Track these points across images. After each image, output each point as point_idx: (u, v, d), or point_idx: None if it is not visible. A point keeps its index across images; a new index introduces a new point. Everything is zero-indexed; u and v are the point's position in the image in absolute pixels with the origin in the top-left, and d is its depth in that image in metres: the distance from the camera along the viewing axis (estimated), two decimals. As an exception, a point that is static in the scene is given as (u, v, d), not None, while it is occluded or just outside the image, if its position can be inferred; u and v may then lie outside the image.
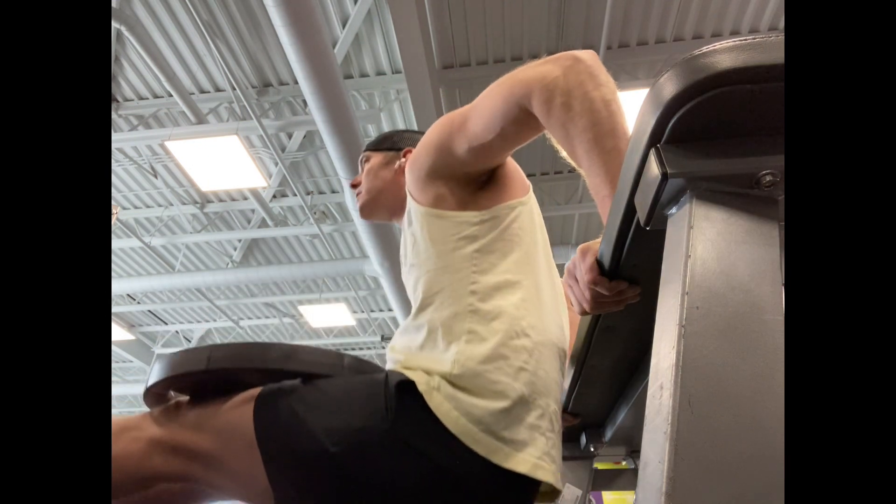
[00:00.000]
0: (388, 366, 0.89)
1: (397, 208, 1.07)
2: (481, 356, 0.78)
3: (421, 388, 0.76)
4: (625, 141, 0.64)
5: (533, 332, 0.83)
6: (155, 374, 0.83)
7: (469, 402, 0.75)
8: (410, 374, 0.79)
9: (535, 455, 0.75)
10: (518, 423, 0.76)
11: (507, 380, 0.77)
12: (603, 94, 0.67)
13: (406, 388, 0.77)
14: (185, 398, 0.86)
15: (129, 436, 0.79)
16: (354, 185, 1.14)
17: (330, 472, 0.74)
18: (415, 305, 0.90)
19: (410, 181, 0.94)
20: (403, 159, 1.09)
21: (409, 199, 0.95)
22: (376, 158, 1.12)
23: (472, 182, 0.91)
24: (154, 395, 0.85)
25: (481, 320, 0.81)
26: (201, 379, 0.82)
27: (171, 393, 0.88)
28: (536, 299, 0.86)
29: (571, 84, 0.69)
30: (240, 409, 0.80)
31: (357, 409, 0.77)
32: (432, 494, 0.74)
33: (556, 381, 0.85)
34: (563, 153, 0.73)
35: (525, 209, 0.93)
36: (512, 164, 0.96)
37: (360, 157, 1.16)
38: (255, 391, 0.82)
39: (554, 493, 0.85)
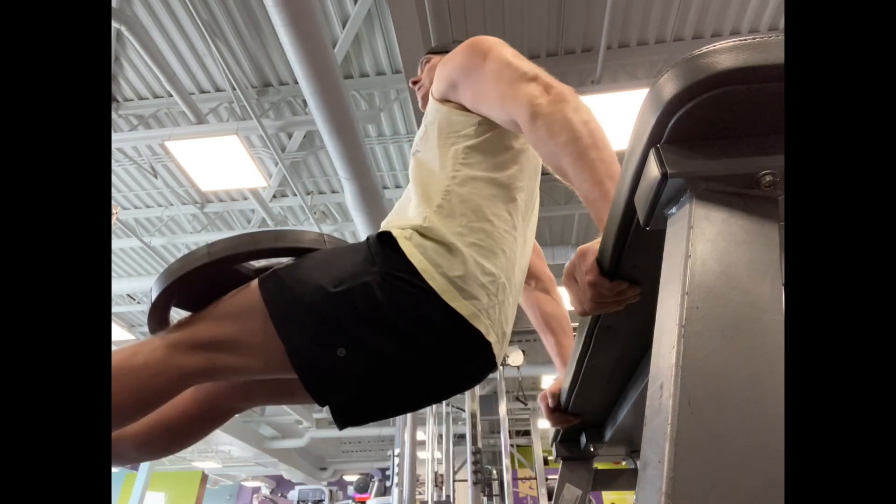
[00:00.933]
0: None
1: None
2: (445, 225, 0.90)
3: (395, 235, 0.89)
4: (607, 152, 0.72)
5: (497, 221, 0.94)
6: (159, 284, 0.88)
7: (432, 248, 0.88)
8: (388, 229, 0.92)
9: (477, 306, 0.87)
10: (470, 279, 0.87)
11: (464, 248, 0.89)
12: (581, 117, 0.77)
13: (384, 239, 0.90)
14: (186, 314, 0.93)
15: (146, 350, 0.85)
16: (415, 83, 1.30)
17: (337, 310, 0.84)
18: (410, 184, 1.03)
19: (434, 85, 1.07)
20: None
21: (430, 96, 1.09)
22: (436, 59, 1.27)
23: None
24: (158, 315, 0.92)
25: (452, 199, 0.93)
26: (201, 284, 0.89)
27: (173, 317, 0.94)
28: (508, 198, 0.97)
29: (553, 109, 0.79)
30: (245, 291, 0.90)
31: (348, 261, 0.90)
32: (420, 316, 0.85)
33: (514, 262, 0.97)
34: (550, 169, 0.81)
35: None
36: None
37: (422, 59, 1.33)
38: (254, 280, 0.91)
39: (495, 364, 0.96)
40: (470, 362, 0.92)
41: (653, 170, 0.43)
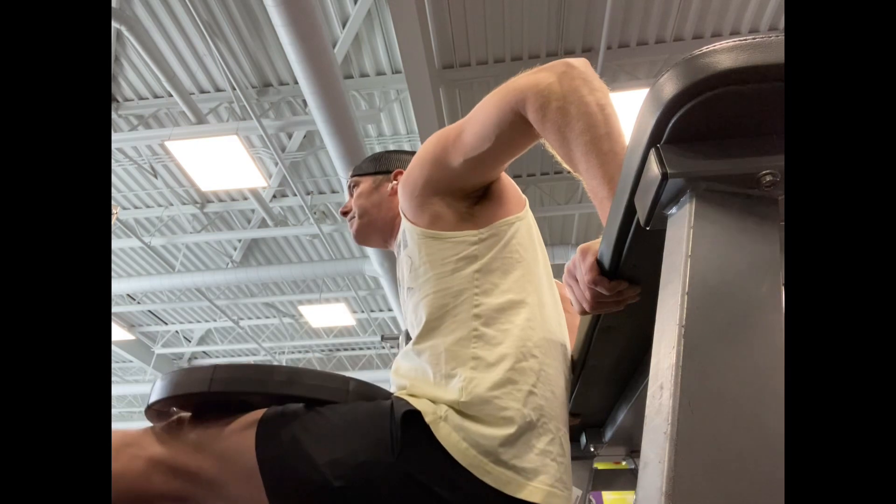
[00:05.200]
0: (393, 389, 0.88)
1: (389, 232, 1.06)
2: (490, 382, 0.77)
3: (428, 418, 0.75)
4: (620, 143, 0.65)
5: (539, 353, 0.82)
6: (157, 391, 0.82)
7: (477, 432, 0.73)
8: (416, 403, 0.77)
9: (547, 483, 0.74)
10: (529, 451, 0.74)
11: (517, 405, 0.76)
12: (598, 99, 0.68)
13: (412, 419, 0.75)
14: (187, 415, 0.85)
15: (129, 453, 0.79)
16: (345, 213, 1.12)
17: None
18: (417, 329, 0.88)
19: (404, 200, 0.92)
20: (395, 181, 1.07)
21: (403, 220, 0.93)
22: (366, 183, 1.10)
23: (467, 198, 0.90)
24: (156, 411, 0.85)
25: (486, 345, 0.80)
26: (204, 398, 0.82)
27: (174, 409, 0.87)
28: (541, 317, 0.85)
29: (566, 89, 0.69)
30: (242, 435, 0.79)
31: (362, 441, 0.75)
32: None
33: (563, 402, 0.85)
34: (558, 157, 0.73)
35: (523, 224, 0.92)
36: (507, 180, 0.96)
37: (349, 183, 1.13)
38: (258, 414, 0.80)
39: None
40: None
41: (653, 170, 0.43)
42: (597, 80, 0.71)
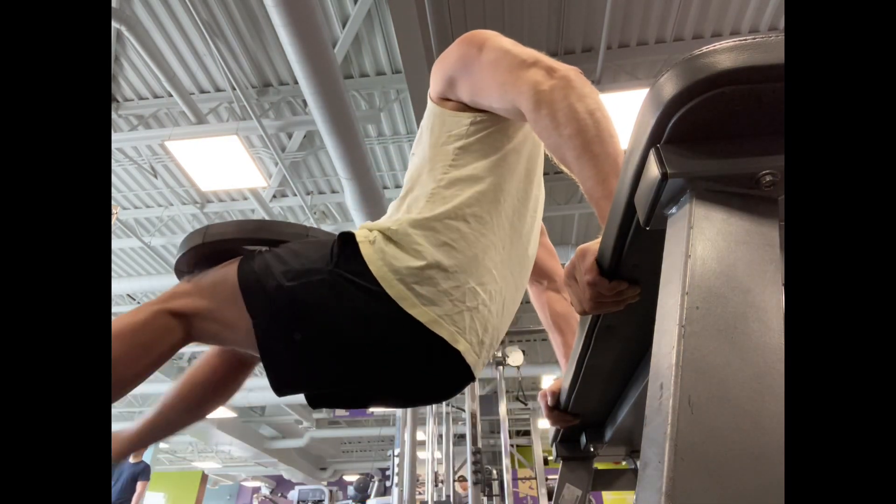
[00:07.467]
0: None
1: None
2: (414, 221, 0.90)
3: (358, 238, 0.90)
4: (612, 145, 0.69)
5: (474, 221, 0.91)
6: (178, 252, 1.06)
7: (393, 254, 0.87)
8: (357, 231, 0.93)
9: (437, 312, 0.85)
10: (430, 284, 0.85)
11: (429, 246, 0.87)
12: (586, 105, 0.73)
13: (347, 239, 0.91)
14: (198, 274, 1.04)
15: (135, 312, 0.95)
16: None
17: (287, 302, 0.89)
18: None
19: (431, 85, 1.05)
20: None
21: (428, 97, 1.06)
22: None
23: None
24: (179, 271, 1.08)
25: (434, 199, 0.92)
26: (214, 257, 1.04)
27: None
28: (494, 198, 0.94)
29: (556, 97, 0.75)
30: (226, 268, 0.98)
31: (309, 257, 0.93)
32: (367, 321, 0.86)
33: (491, 267, 0.92)
34: (556, 160, 0.77)
35: (521, 131, 1.00)
36: None
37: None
38: (239, 257, 1.00)
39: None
40: (436, 371, 0.90)
41: (653, 170, 0.43)
42: (588, 88, 0.76)
